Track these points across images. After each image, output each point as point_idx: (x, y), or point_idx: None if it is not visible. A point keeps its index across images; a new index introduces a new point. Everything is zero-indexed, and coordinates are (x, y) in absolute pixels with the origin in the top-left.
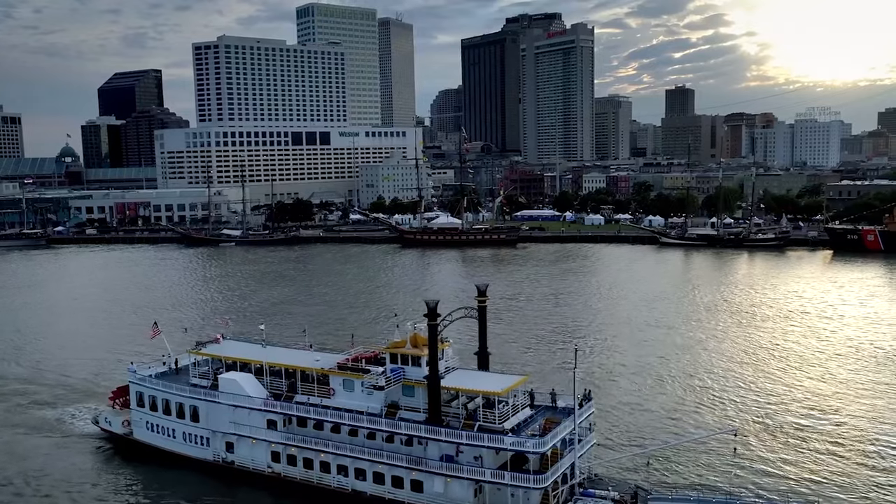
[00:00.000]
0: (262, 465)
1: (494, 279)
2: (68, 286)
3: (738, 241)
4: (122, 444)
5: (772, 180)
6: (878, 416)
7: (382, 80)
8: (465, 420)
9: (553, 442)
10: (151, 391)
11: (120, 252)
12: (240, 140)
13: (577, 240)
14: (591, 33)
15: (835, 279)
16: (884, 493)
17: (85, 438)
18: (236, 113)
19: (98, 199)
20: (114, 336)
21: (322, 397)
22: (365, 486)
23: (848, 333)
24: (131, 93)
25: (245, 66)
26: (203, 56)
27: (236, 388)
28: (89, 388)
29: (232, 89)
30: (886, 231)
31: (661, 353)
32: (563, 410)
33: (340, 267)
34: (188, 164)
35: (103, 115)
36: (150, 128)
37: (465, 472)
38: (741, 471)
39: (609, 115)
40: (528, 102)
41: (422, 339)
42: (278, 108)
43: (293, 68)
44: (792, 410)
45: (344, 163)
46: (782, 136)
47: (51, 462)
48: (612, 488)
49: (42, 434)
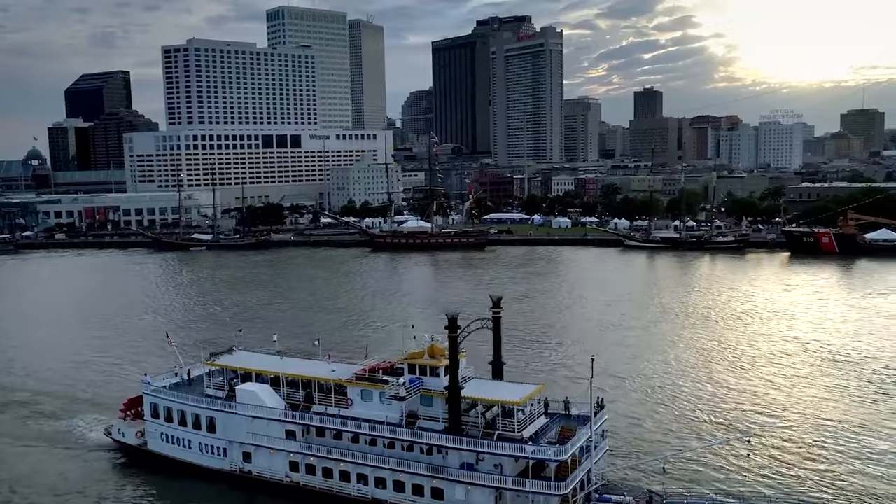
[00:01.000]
0: (280, 474)
1: (463, 283)
2: (40, 293)
3: (699, 244)
4: (135, 455)
5: (735, 182)
6: (821, 413)
7: (353, 81)
8: (485, 429)
9: (573, 450)
10: (166, 402)
11: (90, 257)
12: (210, 143)
13: (545, 242)
14: (560, 37)
15: (788, 281)
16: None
17: (97, 449)
18: (206, 116)
19: (67, 203)
20: (93, 343)
21: (340, 407)
22: (385, 494)
23: (796, 333)
24: (99, 94)
25: (215, 69)
26: (172, 59)
27: (254, 399)
28: (92, 399)
29: (202, 92)
30: (841, 234)
31: (632, 355)
32: (576, 418)
33: (312, 271)
34: (158, 168)
35: (70, 116)
36: (118, 130)
37: (486, 479)
38: (754, 475)
39: (578, 117)
40: (498, 105)
41: (439, 350)
42: (249, 111)
43: (263, 71)
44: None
45: (315, 166)
46: (747, 138)
47: (67, 474)
48: (627, 493)
49: (54, 446)
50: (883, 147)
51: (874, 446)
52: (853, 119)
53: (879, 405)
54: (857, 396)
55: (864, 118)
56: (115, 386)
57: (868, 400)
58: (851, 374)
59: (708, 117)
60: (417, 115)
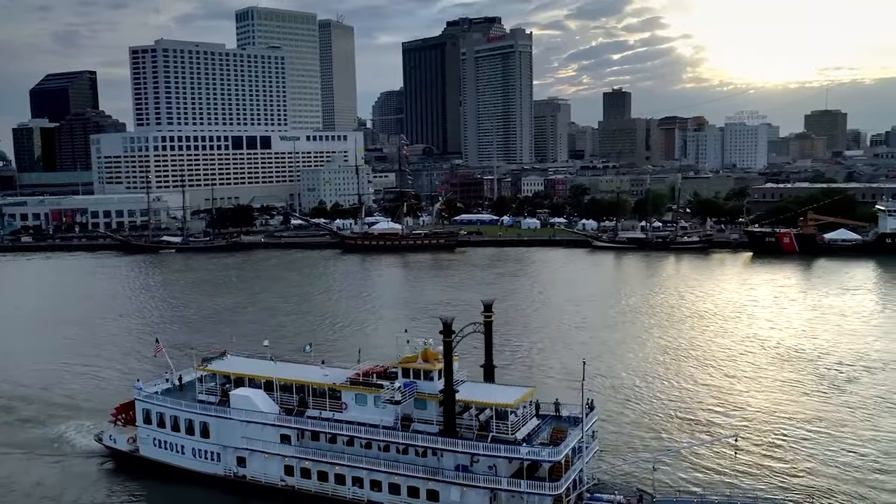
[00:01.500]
0: (274, 478)
1: (434, 284)
2: (8, 296)
3: (665, 244)
4: (127, 460)
5: (701, 183)
6: (777, 410)
7: (323, 82)
8: (479, 431)
9: (566, 451)
10: (159, 408)
11: (58, 260)
12: (179, 144)
13: (514, 244)
14: (529, 38)
15: (747, 280)
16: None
17: (88, 456)
18: (175, 117)
19: (33, 205)
20: (69, 347)
21: (334, 411)
22: (381, 496)
23: (755, 331)
24: (65, 94)
25: (183, 69)
26: (140, 59)
27: (248, 405)
28: (74, 404)
29: (170, 93)
30: (801, 234)
31: (594, 354)
32: (567, 419)
33: (282, 273)
34: (126, 169)
35: (36, 117)
36: (85, 131)
37: (481, 481)
38: (738, 472)
39: (547, 118)
40: (468, 106)
41: (432, 354)
42: (218, 113)
43: (233, 72)
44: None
45: (285, 167)
46: (713, 138)
47: (59, 481)
48: (617, 492)
49: (43, 453)
50: (845, 147)
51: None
52: (817, 120)
53: (834, 399)
54: (819, 392)
55: (827, 119)
56: (95, 391)
57: (822, 393)
58: (808, 370)
59: (675, 118)
60: (388, 115)
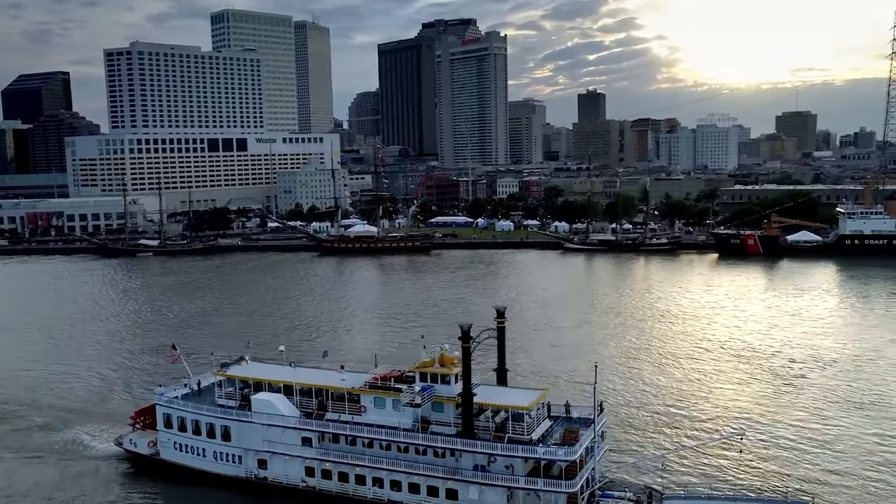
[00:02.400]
0: (296, 479)
1: (411, 286)
2: None
3: (635, 246)
4: (148, 464)
5: (672, 184)
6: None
7: (299, 83)
8: (495, 433)
9: (580, 450)
10: (180, 413)
11: (35, 264)
12: (154, 147)
13: (488, 246)
14: (504, 41)
15: (712, 282)
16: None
17: (108, 459)
18: (150, 119)
19: (8, 208)
20: (65, 353)
21: (353, 415)
22: (401, 496)
23: (715, 330)
24: (38, 95)
25: (159, 72)
26: (115, 61)
27: (269, 408)
28: (84, 409)
29: (146, 96)
30: (765, 235)
31: (561, 356)
32: (577, 420)
33: (260, 276)
34: (101, 172)
35: (8, 118)
36: (58, 132)
37: (499, 479)
38: (746, 469)
39: (522, 119)
40: (444, 107)
41: (448, 359)
42: (194, 115)
43: (208, 75)
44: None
45: (261, 169)
46: (685, 140)
47: (82, 484)
48: (627, 489)
49: (64, 457)
50: (815, 148)
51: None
52: (788, 121)
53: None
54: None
55: (797, 120)
56: (98, 396)
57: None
58: (762, 368)
59: (648, 120)
60: (364, 116)
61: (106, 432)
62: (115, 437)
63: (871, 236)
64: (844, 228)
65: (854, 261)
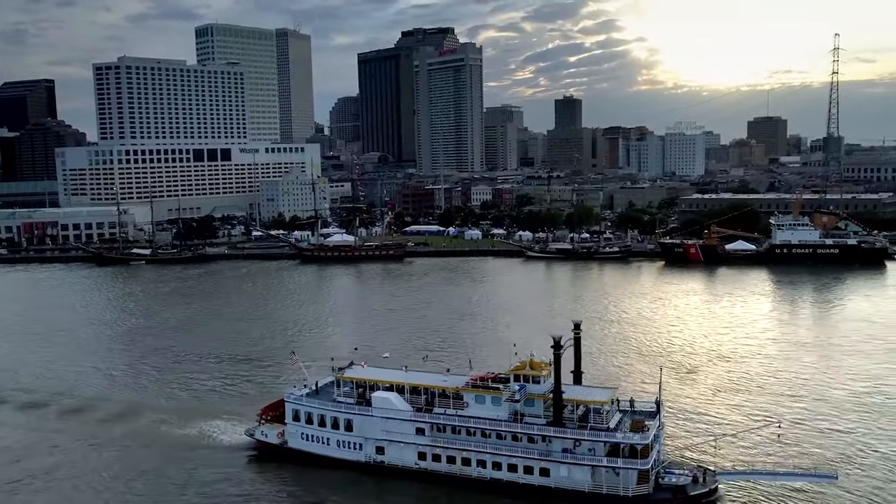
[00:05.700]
0: (410, 462)
1: (387, 291)
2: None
3: (590, 254)
4: (276, 452)
5: (637, 192)
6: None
7: (281, 89)
8: (579, 422)
9: (651, 436)
10: (307, 408)
11: (34, 273)
12: (142, 157)
13: (457, 254)
14: (479, 52)
15: (658, 288)
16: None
17: (240, 449)
18: (138, 131)
19: (4, 218)
20: (87, 353)
21: (457, 409)
22: (500, 475)
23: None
24: (23, 102)
25: (146, 85)
26: (104, 75)
27: (387, 404)
28: (199, 407)
29: (133, 108)
30: (705, 245)
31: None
32: (641, 412)
33: (247, 284)
34: (91, 182)
35: None
36: (45, 141)
37: (585, 459)
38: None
39: (498, 126)
40: (422, 115)
41: (536, 363)
42: (180, 126)
43: (193, 88)
44: None
45: (245, 178)
46: (654, 148)
47: (225, 467)
48: (685, 468)
49: (203, 447)
50: (786, 153)
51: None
52: (759, 126)
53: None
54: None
55: (768, 125)
56: (187, 396)
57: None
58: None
59: (619, 128)
60: (345, 121)
61: (232, 426)
62: (246, 429)
63: (798, 245)
64: (776, 238)
65: (783, 268)
